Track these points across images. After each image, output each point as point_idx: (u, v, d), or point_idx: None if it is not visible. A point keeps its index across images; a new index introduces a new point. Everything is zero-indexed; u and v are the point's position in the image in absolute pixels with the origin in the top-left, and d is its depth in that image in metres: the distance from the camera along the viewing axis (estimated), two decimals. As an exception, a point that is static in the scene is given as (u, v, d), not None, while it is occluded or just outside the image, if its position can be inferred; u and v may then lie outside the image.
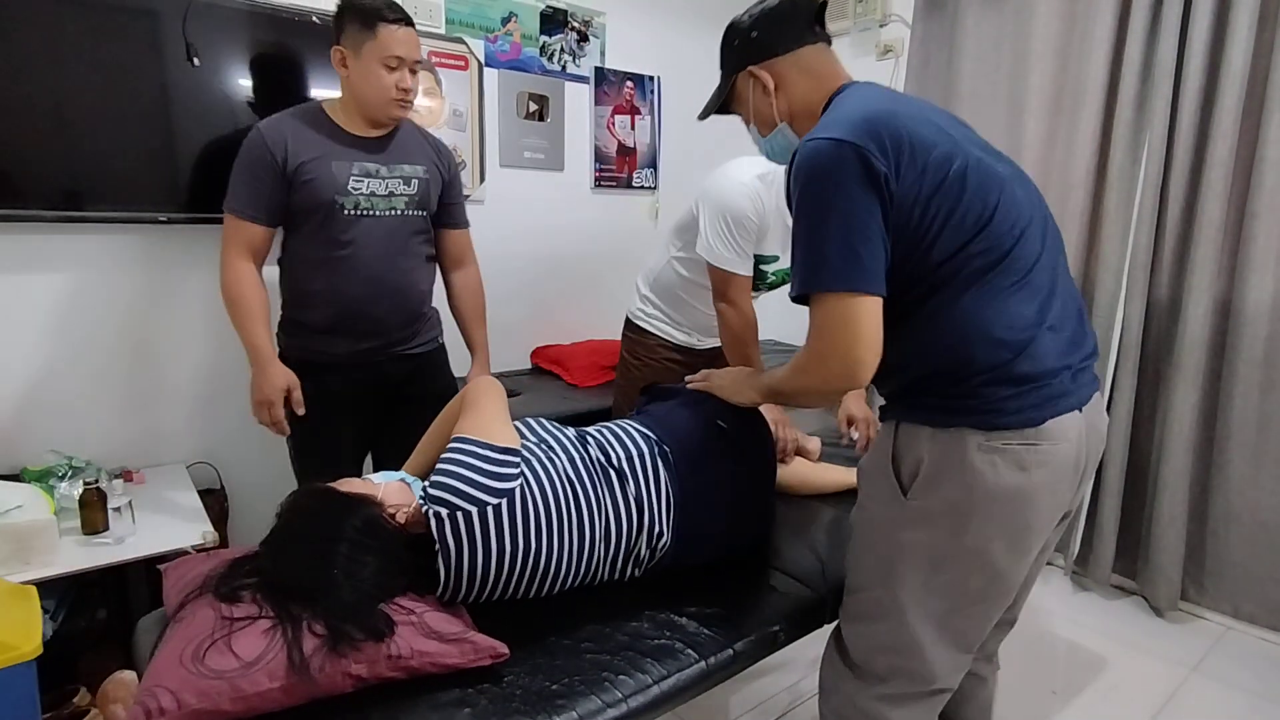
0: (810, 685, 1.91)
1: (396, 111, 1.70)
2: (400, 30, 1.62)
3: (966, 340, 1.00)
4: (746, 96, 1.21)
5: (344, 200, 1.68)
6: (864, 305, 0.98)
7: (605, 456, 1.29)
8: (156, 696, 0.90)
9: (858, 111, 1.01)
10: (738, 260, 1.76)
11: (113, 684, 1.61)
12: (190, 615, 1.04)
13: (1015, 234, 1.01)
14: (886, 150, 0.97)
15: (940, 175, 0.99)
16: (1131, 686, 1.93)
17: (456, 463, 1.14)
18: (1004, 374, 0.99)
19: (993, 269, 1.00)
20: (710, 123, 1.34)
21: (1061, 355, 1.03)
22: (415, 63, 1.67)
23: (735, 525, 1.38)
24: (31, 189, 1.85)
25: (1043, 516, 1.05)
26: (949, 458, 1.02)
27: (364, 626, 1.00)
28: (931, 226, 0.99)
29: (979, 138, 1.13)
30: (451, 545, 1.10)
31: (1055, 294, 1.05)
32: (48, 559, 1.51)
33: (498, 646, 1.05)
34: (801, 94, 1.15)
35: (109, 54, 1.89)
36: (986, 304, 1.00)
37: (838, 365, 1.02)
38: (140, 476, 1.99)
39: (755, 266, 1.88)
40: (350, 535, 1.08)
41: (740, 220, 1.75)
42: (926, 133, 1.01)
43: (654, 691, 1.06)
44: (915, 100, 1.15)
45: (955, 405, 1.02)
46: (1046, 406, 1.00)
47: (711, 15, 3.18)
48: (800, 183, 1.01)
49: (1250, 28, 2.02)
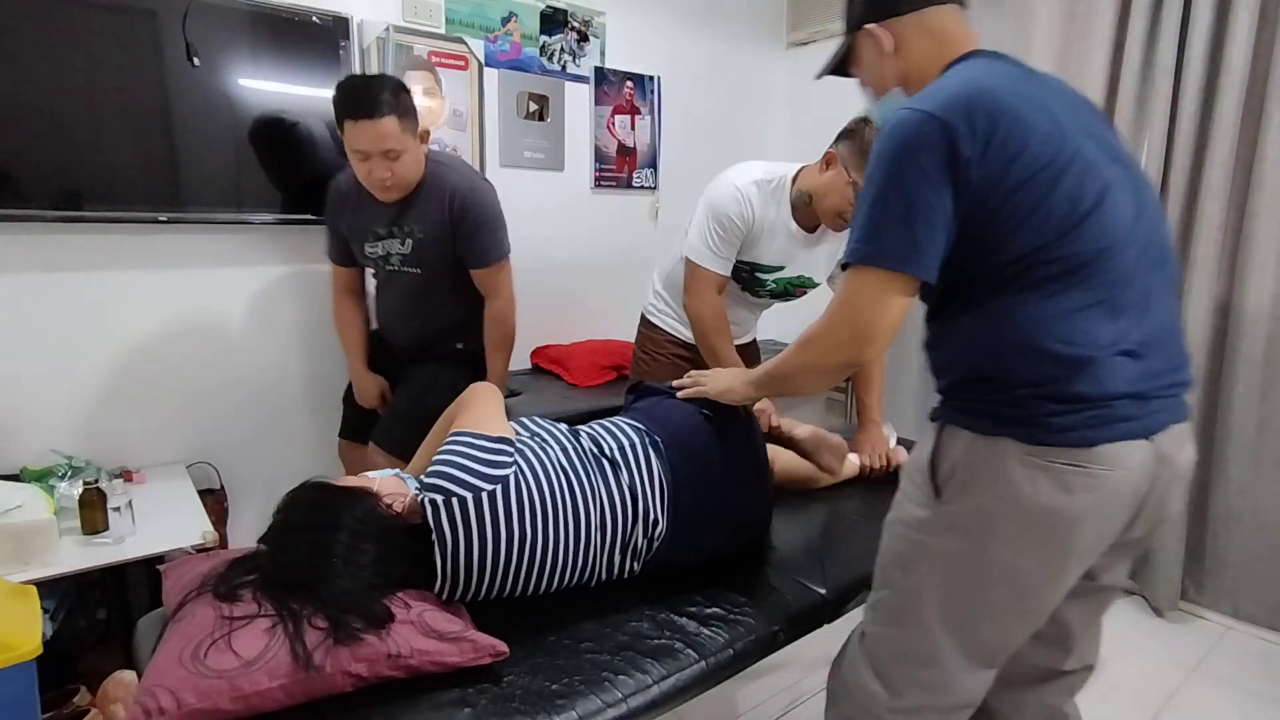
0: (810, 685, 1.91)
1: (381, 195, 1.85)
2: (360, 125, 1.71)
3: (1017, 349, 0.94)
4: (864, 57, 1.14)
5: (364, 261, 2.03)
6: (901, 287, 0.95)
7: (598, 447, 1.31)
8: (156, 696, 0.90)
9: (961, 85, 0.95)
10: (710, 256, 1.78)
11: (113, 684, 1.61)
12: (190, 615, 1.04)
13: (1103, 245, 0.92)
14: (977, 131, 0.90)
15: (1031, 169, 0.91)
16: (1131, 686, 1.93)
17: (452, 453, 1.17)
18: (1056, 391, 0.92)
19: (1067, 279, 0.92)
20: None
21: (1134, 381, 0.94)
22: (386, 152, 1.75)
23: (731, 513, 1.39)
24: (31, 189, 1.85)
25: (1084, 542, 0.97)
26: (987, 465, 0.97)
27: (365, 615, 1.01)
28: (1008, 221, 0.92)
29: (1106, 134, 1.03)
30: (447, 531, 1.11)
31: (1146, 318, 0.96)
32: (48, 559, 1.51)
33: (498, 645, 1.05)
34: (920, 58, 1.07)
35: (109, 54, 1.89)
36: (1049, 315, 0.92)
37: (848, 336, 1.00)
38: (140, 476, 1.99)
39: (753, 274, 1.88)
40: (349, 524, 1.09)
41: (721, 220, 1.76)
42: (1032, 119, 0.93)
43: (654, 691, 1.06)
44: (1039, 78, 1.05)
45: (1000, 413, 0.96)
46: (1103, 429, 0.92)
47: (711, 15, 3.19)
48: (877, 151, 0.96)
49: (1250, 28, 2.02)
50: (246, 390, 2.30)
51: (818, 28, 3.29)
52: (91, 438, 2.03)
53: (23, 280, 1.91)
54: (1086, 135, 0.97)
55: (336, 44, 2.22)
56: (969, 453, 0.99)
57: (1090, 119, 1.02)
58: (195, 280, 2.15)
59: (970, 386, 1.00)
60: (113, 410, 2.07)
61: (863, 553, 1.44)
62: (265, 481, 2.35)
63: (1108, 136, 1.02)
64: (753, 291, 1.95)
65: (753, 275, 1.89)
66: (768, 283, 1.92)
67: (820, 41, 3.33)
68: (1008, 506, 0.96)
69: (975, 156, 0.91)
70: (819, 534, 1.51)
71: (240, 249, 2.22)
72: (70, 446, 1.95)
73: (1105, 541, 1.00)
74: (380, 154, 1.75)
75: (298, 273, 2.33)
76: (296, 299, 2.34)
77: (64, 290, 1.97)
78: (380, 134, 1.72)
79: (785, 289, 1.95)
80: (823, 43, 3.33)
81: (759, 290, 1.94)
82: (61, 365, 1.98)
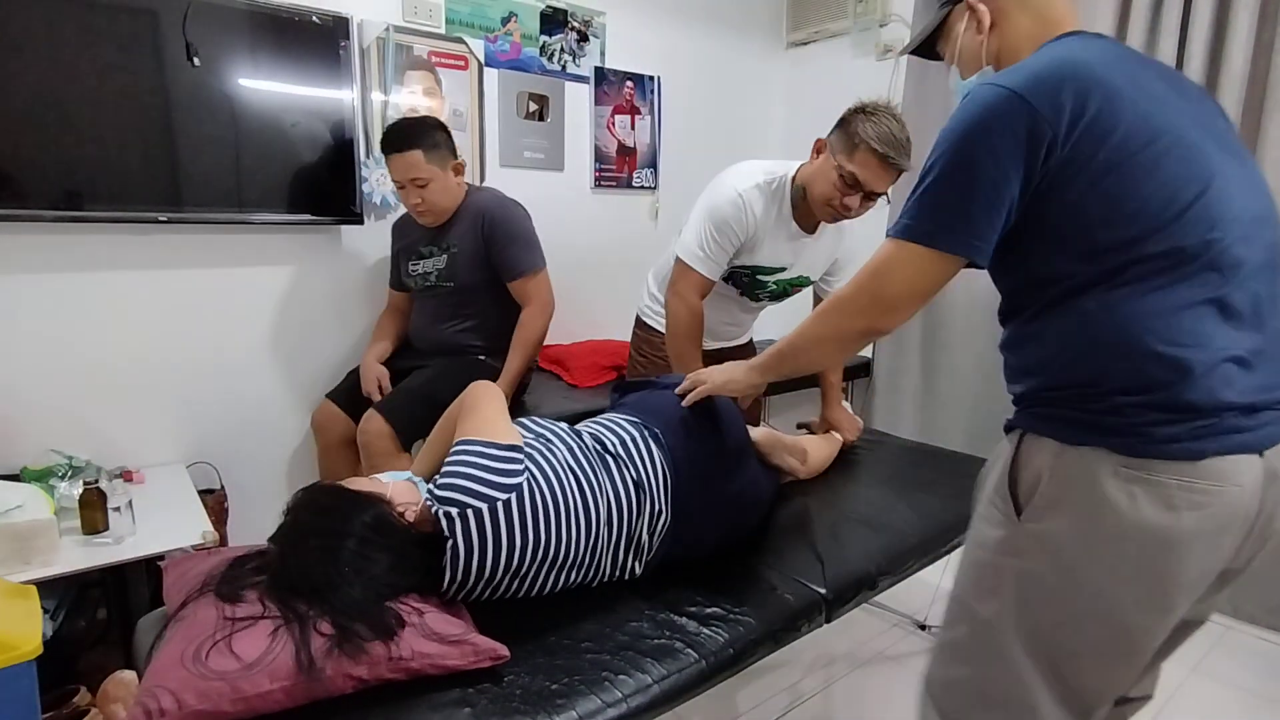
0: (810, 685, 1.91)
1: (419, 220, 2.14)
2: (393, 158, 2.03)
3: (1116, 351, 0.84)
4: (956, 33, 1.07)
5: (408, 280, 2.26)
6: (945, 268, 0.92)
7: (600, 445, 1.32)
8: (157, 697, 0.90)
9: (1051, 60, 0.88)
10: (701, 259, 1.77)
11: (113, 684, 1.60)
12: (191, 615, 1.04)
13: (1211, 238, 0.83)
14: (1062, 111, 0.83)
15: (1125, 150, 0.83)
16: (1131, 686, 1.93)
17: (463, 463, 1.16)
18: (1161, 398, 0.83)
19: (1171, 272, 0.83)
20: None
21: (1245, 392, 0.84)
22: (414, 180, 2.04)
23: (730, 495, 1.40)
24: (31, 189, 1.85)
25: (1191, 570, 0.85)
26: (1076, 479, 0.87)
27: (373, 625, 1.00)
28: (1098, 208, 0.84)
29: (1218, 123, 0.94)
30: (461, 543, 1.10)
31: (1261, 325, 0.86)
32: (48, 559, 1.51)
33: (498, 648, 1.05)
34: (1016, 35, 1.00)
35: (109, 54, 1.88)
36: (1153, 311, 0.83)
37: (874, 304, 0.96)
38: (140, 476, 1.98)
39: (754, 277, 1.87)
40: (360, 532, 1.08)
41: (719, 225, 1.74)
42: (1129, 96, 0.85)
43: (654, 691, 1.06)
44: (1145, 60, 0.98)
45: (1093, 421, 0.86)
46: (1211, 440, 0.82)
47: (711, 15, 3.19)
48: (949, 125, 0.90)
49: (1250, 27, 2.02)
50: (247, 390, 2.30)
51: (817, 28, 3.29)
52: (91, 438, 2.03)
53: (23, 280, 1.91)
54: (1194, 122, 0.89)
55: (336, 44, 2.22)
56: (1055, 464, 0.89)
57: (1201, 105, 0.94)
58: (195, 280, 2.15)
59: (1057, 392, 0.91)
60: (113, 410, 2.07)
61: (863, 553, 1.45)
62: (265, 481, 2.35)
63: (1219, 125, 0.94)
64: (752, 296, 1.95)
65: (754, 279, 1.88)
66: (769, 285, 1.91)
67: (820, 41, 3.33)
68: (1101, 525, 0.85)
69: (1060, 138, 0.84)
70: (819, 534, 1.51)
71: (240, 249, 2.22)
72: (70, 446, 1.94)
73: (1213, 571, 0.89)
74: (409, 182, 2.04)
75: (298, 273, 2.33)
76: (297, 299, 2.34)
77: (64, 290, 1.97)
78: (407, 164, 2.02)
79: (784, 290, 1.95)
80: (822, 43, 3.33)
81: (759, 294, 1.94)
82: (62, 365, 1.98)
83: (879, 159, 1.58)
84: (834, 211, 1.69)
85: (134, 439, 2.11)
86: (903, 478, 1.83)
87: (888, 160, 1.58)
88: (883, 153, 1.57)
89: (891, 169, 1.60)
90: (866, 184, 1.62)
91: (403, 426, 2.01)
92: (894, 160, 1.58)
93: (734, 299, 1.96)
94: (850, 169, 1.60)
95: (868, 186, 1.62)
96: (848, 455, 1.98)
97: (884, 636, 2.14)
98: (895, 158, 1.58)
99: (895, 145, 1.57)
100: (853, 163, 1.60)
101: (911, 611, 2.21)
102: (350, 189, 2.32)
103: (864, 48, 3.15)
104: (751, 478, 1.47)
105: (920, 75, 2.83)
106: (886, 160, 1.58)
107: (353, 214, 2.34)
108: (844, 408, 2.02)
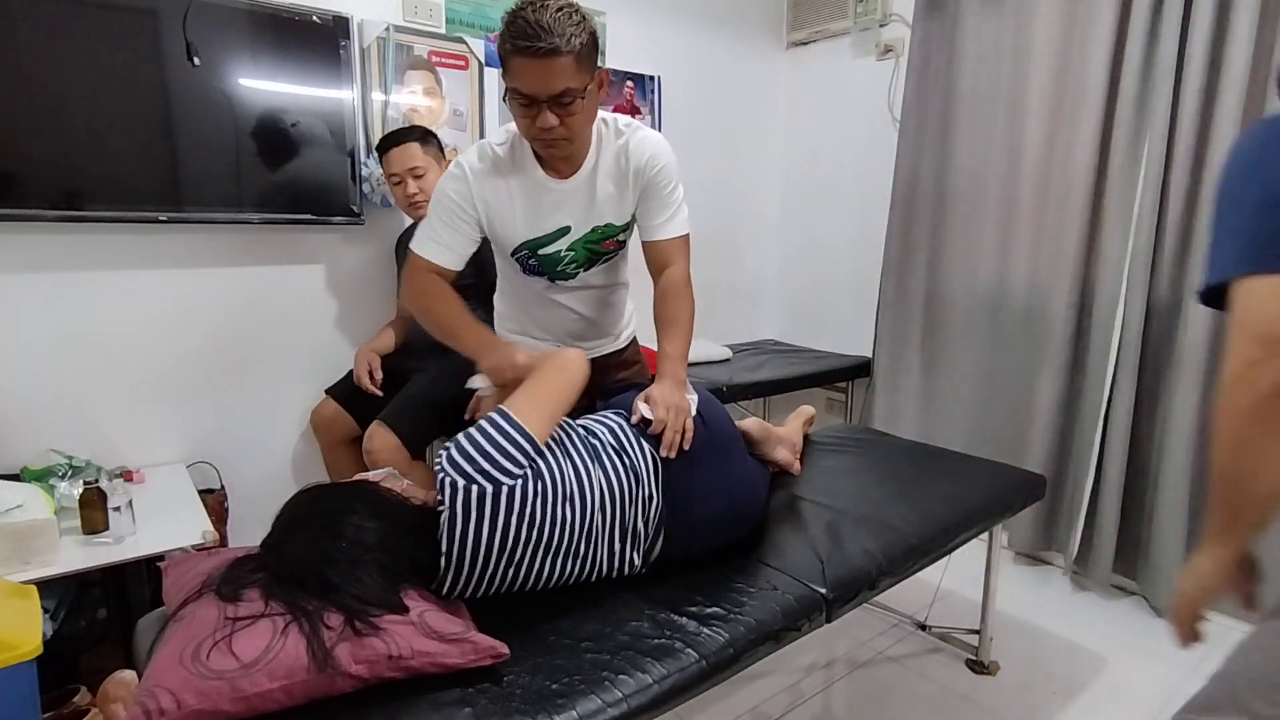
0: (810, 685, 1.91)
1: (415, 216, 2.19)
2: (391, 153, 2.14)
3: None
4: None
5: None
6: None
7: (591, 435, 1.34)
8: (156, 697, 0.90)
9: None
10: (426, 241, 1.51)
11: (113, 683, 1.60)
12: (191, 614, 1.04)
13: None
14: None
15: None
16: (1131, 686, 1.93)
17: (485, 436, 1.17)
18: None
19: None
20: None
21: None
22: (411, 169, 2.13)
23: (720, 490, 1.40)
24: (31, 189, 1.85)
25: None
26: None
27: (381, 600, 1.02)
28: None
29: None
30: (460, 516, 1.12)
31: None
32: (48, 558, 1.51)
33: (498, 646, 1.05)
34: None
35: (109, 54, 1.89)
36: None
37: (1263, 352, 0.75)
38: (140, 476, 1.99)
39: (535, 253, 1.55)
40: (352, 508, 1.11)
41: (439, 200, 1.50)
42: None
43: (654, 691, 1.06)
44: None
45: None
46: None
47: (711, 15, 3.19)
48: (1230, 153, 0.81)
49: (1251, 27, 2.01)
50: (246, 390, 2.30)
51: (818, 28, 3.29)
52: (91, 438, 2.03)
53: (23, 280, 1.91)
54: None
55: (337, 43, 2.22)
56: None
57: None
58: (195, 280, 2.16)
59: None
60: (113, 410, 2.07)
61: (863, 552, 1.45)
62: (265, 481, 2.35)
63: None
64: (559, 276, 1.58)
65: (539, 256, 1.54)
66: (563, 255, 1.55)
67: (820, 41, 3.33)
68: None
69: None
70: (819, 534, 1.51)
71: (240, 249, 2.22)
72: (70, 446, 1.94)
73: None
74: (407, 173, 2.11)
75: (298, 273, 2.33)
76: (296, 299, 2.34)
77: (64, 290, 1.97)
78: (406, 154, 2.12)
79: (590, 253, 1.57)
80: (823, 42, 3.33)
81: (563, 271, 1.58)
82: (62, 365, 1.98)
83: (524, 54, 1.26)
84: (544, 144, 1.39)
85: (134, 439, 2.11)
86: (903, 478, 1.83)
87: (532, 50, 1.25)
88: (522, 46, 1.26)
89: (545, 57, 1.26)
90: (534, 92, 1.29)
91: (410, 435, 2.00)
92: (539, 46, 1.25)
93: (547, 289, 1.62)
94: (511, 86, 1.32)
95: (538, 94, 1.30)
96: (849, 455, 1.98)
97: (884, 636, 2.14)
98: (539, 41, 1.24)
99: (530, 29, 1.24)
100: (509, 78, 1.31)
101: (911, 611, 2.21)
102: (350, 189, 2.32)
103: (864, 48, 3.15)
104: (741, 467, 1.48)
105: (921, 75, 2.83)
106: (530, 51, 1.25)
107: (353, 214, 2.34)
108: (682, 387, 1.44)
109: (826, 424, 2.71)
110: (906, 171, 2.89)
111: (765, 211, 3.55)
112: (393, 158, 2.12)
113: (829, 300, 3.43)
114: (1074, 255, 2.41)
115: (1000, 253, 2.64)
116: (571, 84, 1.30)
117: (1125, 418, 2.31)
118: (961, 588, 2.30)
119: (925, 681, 1.94)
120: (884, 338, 3.02)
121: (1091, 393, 2.41)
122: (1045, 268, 2.51)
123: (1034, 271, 2.55)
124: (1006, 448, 2.60)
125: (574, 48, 1.28)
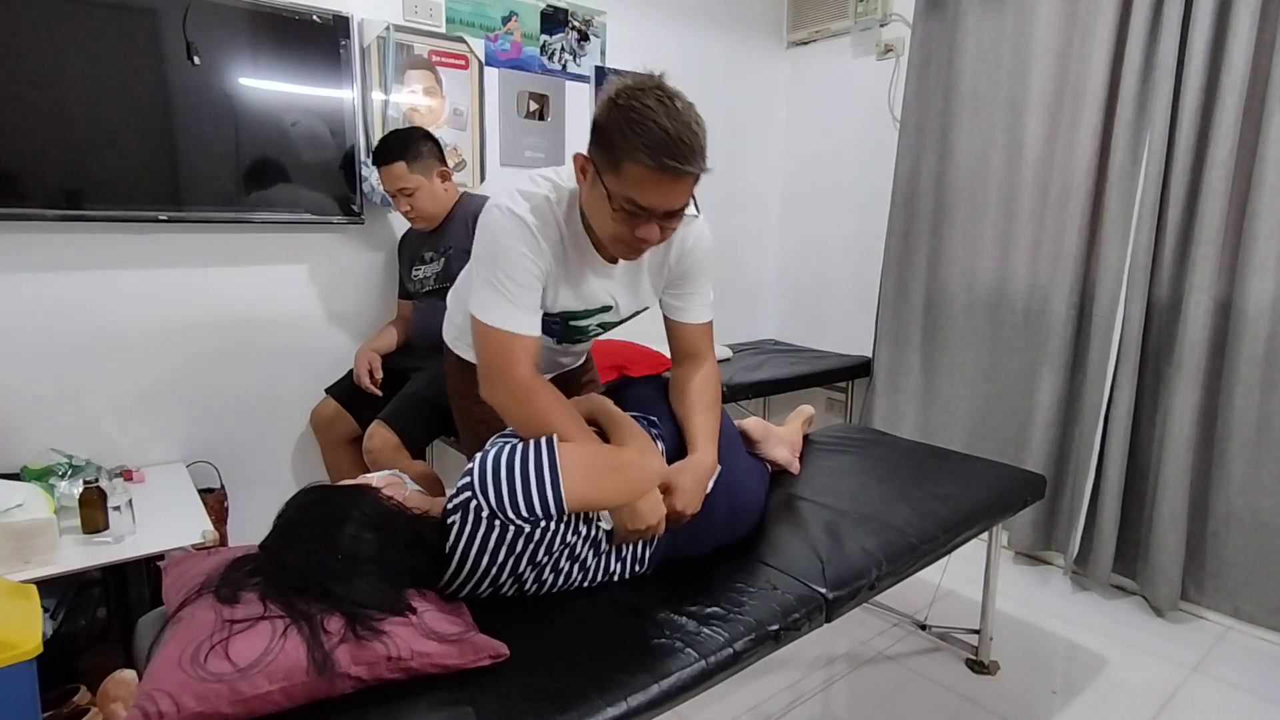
0: (810, 685, 1.91)
1: (413, 225, 2.26)
2: (380, 170, 2.14)
3: None
4: None
5: (410, 286, 2.33)
6: None
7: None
8: (155, 700, 0.89)
9: None
10: (508, 312, 1.29)
11: (113, 683, 1.60)
12: (190, 617, 1.03)
13: None
14: None
15: None
16: (1131, 686, 1.93)
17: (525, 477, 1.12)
18: None
19: None
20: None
21: None
22: (400, 189, 2.14)
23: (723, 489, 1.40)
24: (31, 188, 1.85)
25: None
26: None
27: (382, 604, 1.01)
28: None
29: None
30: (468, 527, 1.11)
31: None
32: (48, 558, 1.51)
33: (498, 647, 1.05)
34: None
35: (109, 54, 1.89)
36: None
37: None
38: (140, 476, 1.99)
39: (566, 324, 1.46)
40: (352, 516, 1.10)
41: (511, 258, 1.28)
42: None
43: (654, 691, 1.06)
44: None
45: None
46: None
47: (711, 15, 3.19)
48: None
49: (1251, 26, 2.01)
50: (246, 389, 2.30)
51: (818, 27, 3.29)
52: (91, 437, 2.03)
53: (23, 280, 1.91)
54: None
55: (337, 43, 2.22)
56: None
57: None
58: (195, 280, 2.16)
59: None
60: (113, 409, 2.07)
61: (863, 552, 1.45)
62: (265, 481, 2.35)
63: None
64: (570, 339, 1.50)
65: (568, 325, 1.44)
66: (591, 329, 1.49)
67: (820, 41, 3.33)
68: None
69: None
70: (819, 534, 1.51)
71: (240, 249, 2.22)
72: (70, 445, 1.95)
73: None
74: (398, 191, 2.14)
75: (298, 272, 2.33)
76: (297, 298, 2.34)
77: (64, 290, 1.97)
78: (392, 176, 2.12)
79: (614, 324, 1.52)
80: (823, 42, 3.33)
81: (581, 338, 1.52)
82: (62, 365, 1.98)
83: (665, 173, 1.11)
84: (632, 250, 1.26)
85: (134, 438, 2.11)
86: (902, 477, 1.83)
87: (680, 173, 1.11)
88: (658, 165, 1.10)
89: (679, 178, 1.13)
90: (651, 206, 1.15)
91: (409, 434, 2.01)
92: (688, 171, 1.12)
93: (554, 348, 1.54)
94: (624, 193, 1.14)
95: (657, 208, 1.16)
96: (848, 455, 1.98)
97: (884, 636, 2.14)
98: (681, 164, 1.11)
99: (675, 146, 1.10)
100: (623, 183, 1.14)
101: (912, 611, 2.21)
102: (350, 189, 2.32)
103: (864, 48, 3.15)
104: (741, 467, 1.50)
105: (921, 75, 2.83)
106: (676, 173, 1.11)
107: (353, 213, 2.34)
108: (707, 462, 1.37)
109: (826, 424, 2.71)
110: (907, 171, 2.89)
111: (765, 211, 3.55)
112: (382, 177, 2.15)
113: (829, 300, 3.43)
114: (1074, 255, 2.41)
115: (1000, 252, 2.64)
116: (673, 205, 1.17)
117: (1125, 418, 2.31)
118: (961, 587, 2.30)
119: (925, 681, 1.94)
120: (884, 337, 3.02)
121: (1091, 393, 2.41)
122: (1045, 267, 2.51)
123: (1034, 271, 2.55)
124: (1006, 448, 2.60)
125: (700, 170, 1.14)
